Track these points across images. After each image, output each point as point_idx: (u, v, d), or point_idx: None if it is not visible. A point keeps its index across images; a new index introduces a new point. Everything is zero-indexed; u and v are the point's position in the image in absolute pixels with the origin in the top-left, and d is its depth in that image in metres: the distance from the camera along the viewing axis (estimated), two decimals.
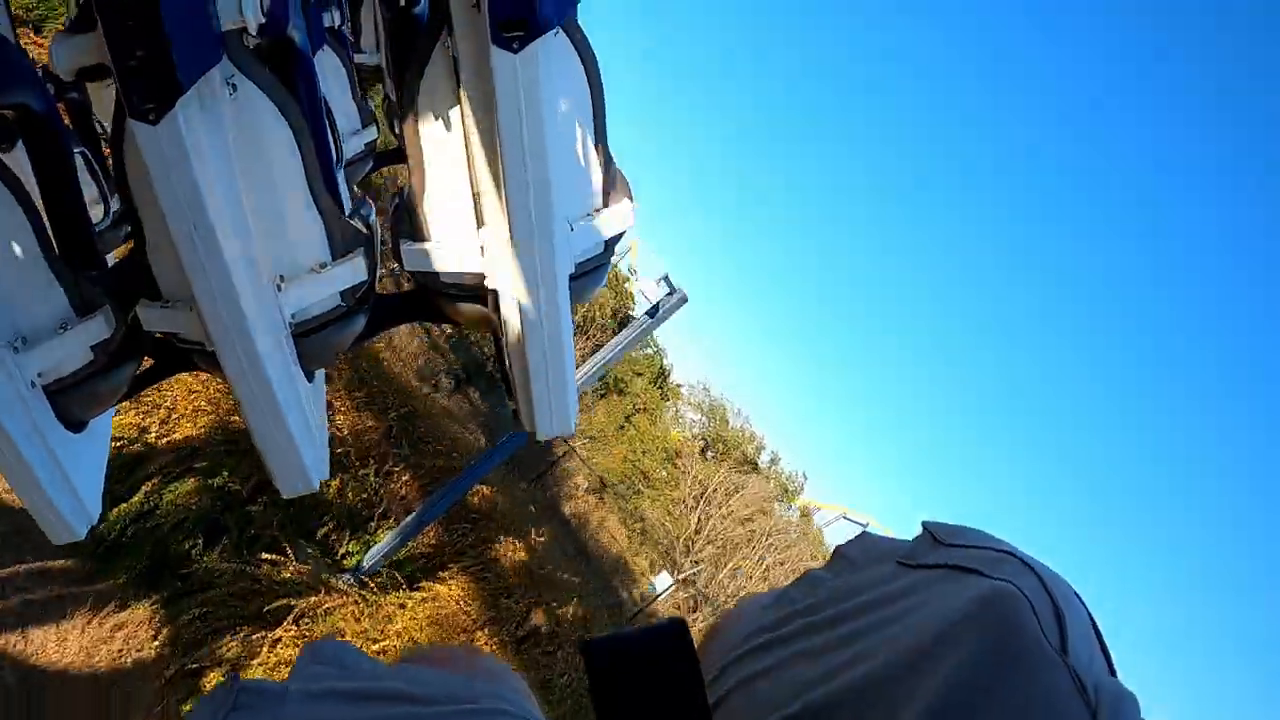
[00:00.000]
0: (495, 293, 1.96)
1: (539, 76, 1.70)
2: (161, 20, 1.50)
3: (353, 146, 3.39)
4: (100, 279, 1.90)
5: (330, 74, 2.90)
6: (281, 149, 1.79)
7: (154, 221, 1.76)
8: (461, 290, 1.99)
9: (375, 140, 3.64)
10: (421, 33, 1.82)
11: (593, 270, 2.04)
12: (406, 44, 1.89)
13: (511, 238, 1.85)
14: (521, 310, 1.95)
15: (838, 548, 0.88)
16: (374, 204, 2.11)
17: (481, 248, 1.92)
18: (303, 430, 2.00)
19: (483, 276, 1.96)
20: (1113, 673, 0.67)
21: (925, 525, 0.80)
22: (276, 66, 1.93)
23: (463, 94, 1.81)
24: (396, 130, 3.46)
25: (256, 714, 0.70)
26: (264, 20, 1.66)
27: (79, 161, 2.12)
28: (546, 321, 1.96)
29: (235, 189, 1.74)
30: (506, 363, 2.09)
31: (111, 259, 2.87)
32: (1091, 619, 0.69)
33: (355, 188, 2.86)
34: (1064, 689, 0.61)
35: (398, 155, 3.55)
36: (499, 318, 2.00)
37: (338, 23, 2.35)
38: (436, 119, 1.86)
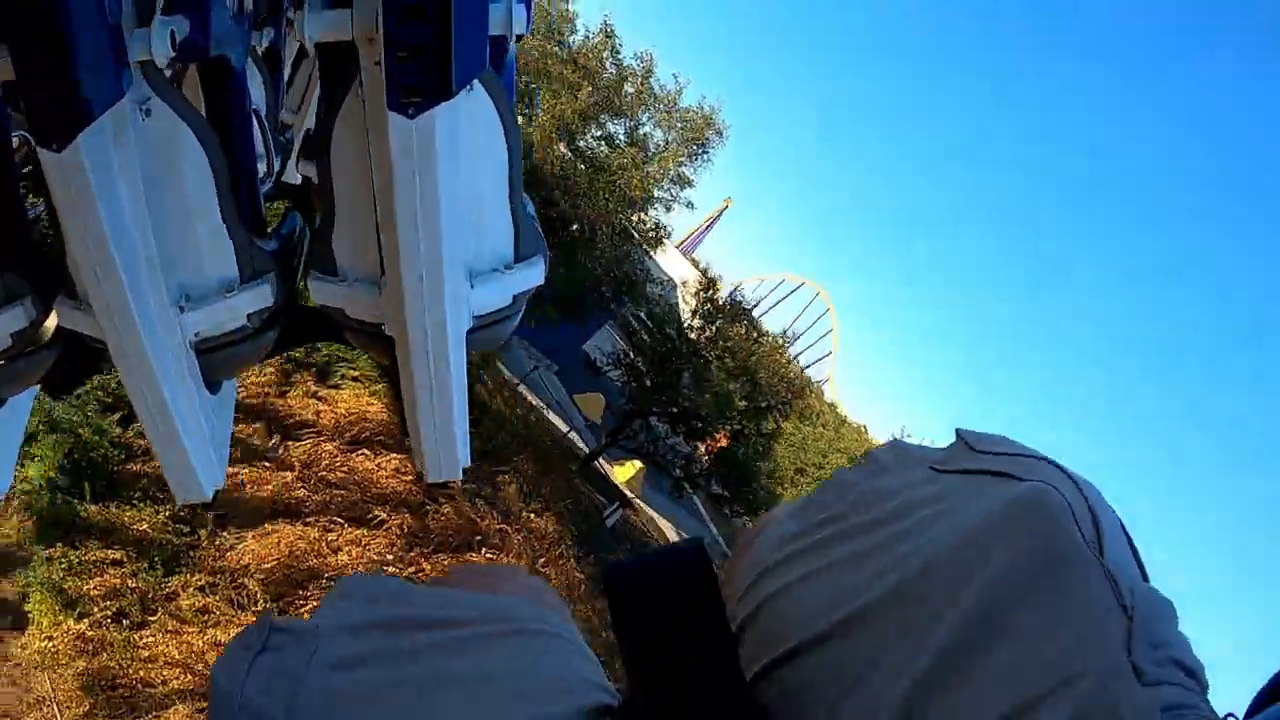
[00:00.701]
0: (391, 339, 2.02)
1: (435, 143, 1.70)
2: (68, 54, 1.53)
3: None
4: (29, 269, 1.96)
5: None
6: (195, 174, 1.83)
7: (65, 231, 1.81)
8: (363, 327, 2.04)
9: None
10: (341, 77, 1.84)
11: (498, 322, 2.09)
12: (330, 82, 1.89)
13: (404, 293, 1.88)
14: (413, 360, 1.99)
15: (868, 450, 0.88)
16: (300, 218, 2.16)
17: (381, 295, 1.97)
18: (198, 442, 2.06)
19: (381, 324, 2.01)
20: (1145, 578, 0.68)
21: (959, 432, 0.80)
22: (209, 84, 1.99)
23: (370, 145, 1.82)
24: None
25: (287, 653, 0.71)
26: (174, 54, 1.68)
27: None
28: (436, 374, 2.00)
29: (142, 213, 1.77)
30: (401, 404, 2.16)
31: None
32: (1122, 525, 0.70)
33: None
34: (1102, 592, 0.62)
35: (295, 191, 3.46)
36: (394, 362, 2.06)
37: (266, 44, 2.35)
38: (347, 163, 1.88)
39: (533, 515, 12.20)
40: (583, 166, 19.08)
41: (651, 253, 21.81)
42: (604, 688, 0.78)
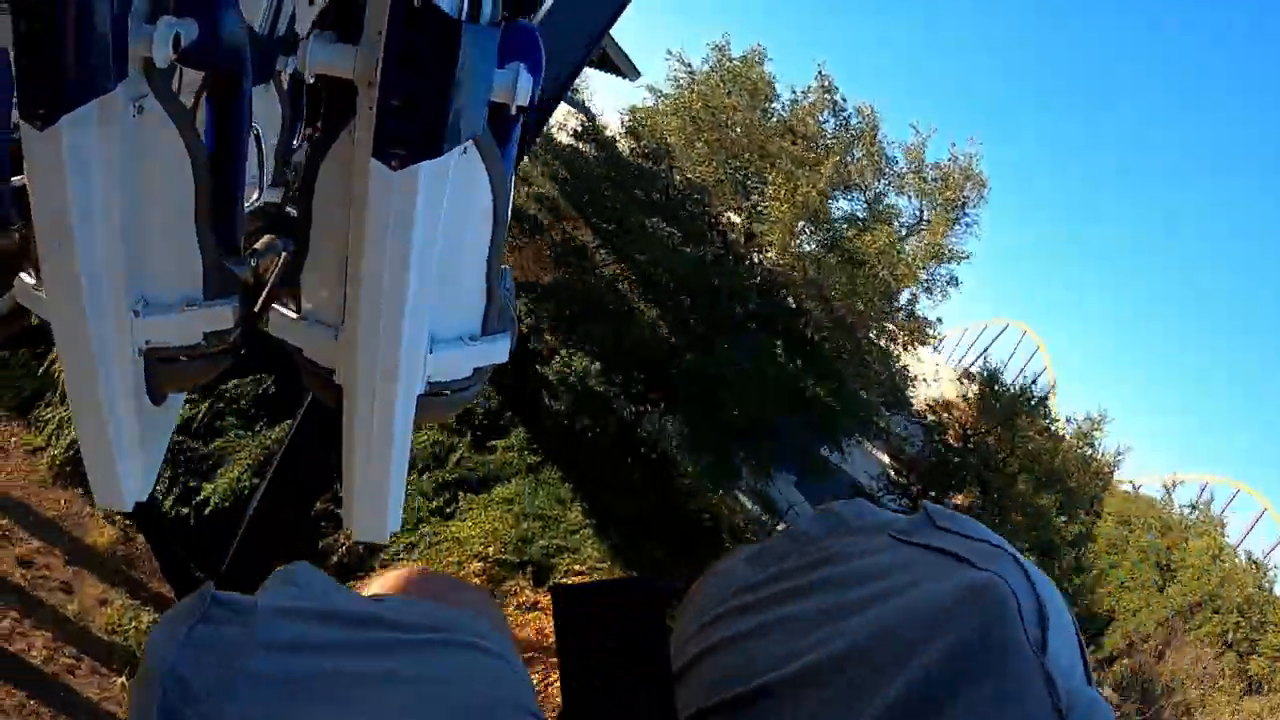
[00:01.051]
0: (340, 389, 1.96)
1: (415, 199, 1.65)
2: (65, 33, 1.52)
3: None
4: None
5: (257, 118, 2.76)
6: (176, 183, 1.82)
7: (31, 205, 1.77)
8: (316, 370, 1.99)
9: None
10: (339, 114, 1.81)
11: (454, 392, 2.01)
12: (329, 117, 1.86)
13: (358, 343, 1.83)
14: (357, 413, 1.92)
15: (831, 504, 0.89)
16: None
17: (337, 342, 1.92)
18: (129, 446, 2.02)
19: (333, 372, 1.96)
20: (1090, 682, 0.69)
21: (925, 505, 0.81)
22: (212, 99, 1.99)
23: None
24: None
25: (224, 627, 0.70)
26: (175, 56, 1.68)
27: None
28: (378, 430, 1.93)
29: (113, 207, 1.75)
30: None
31: None
32: (1075, 625, 0.71)
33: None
34: (1037, 690, 0.63)
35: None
36: (339, 414, 1.99)
37: (291, 70, 2.38)
38: (329, 202, 1.85)
39: None
40: (834, 260, 15.29)
41: (917, 350, 18.04)
42: (536, 715, 0.76)
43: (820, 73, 16.26)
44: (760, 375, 14.23)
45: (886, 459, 18.69)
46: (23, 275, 1.97)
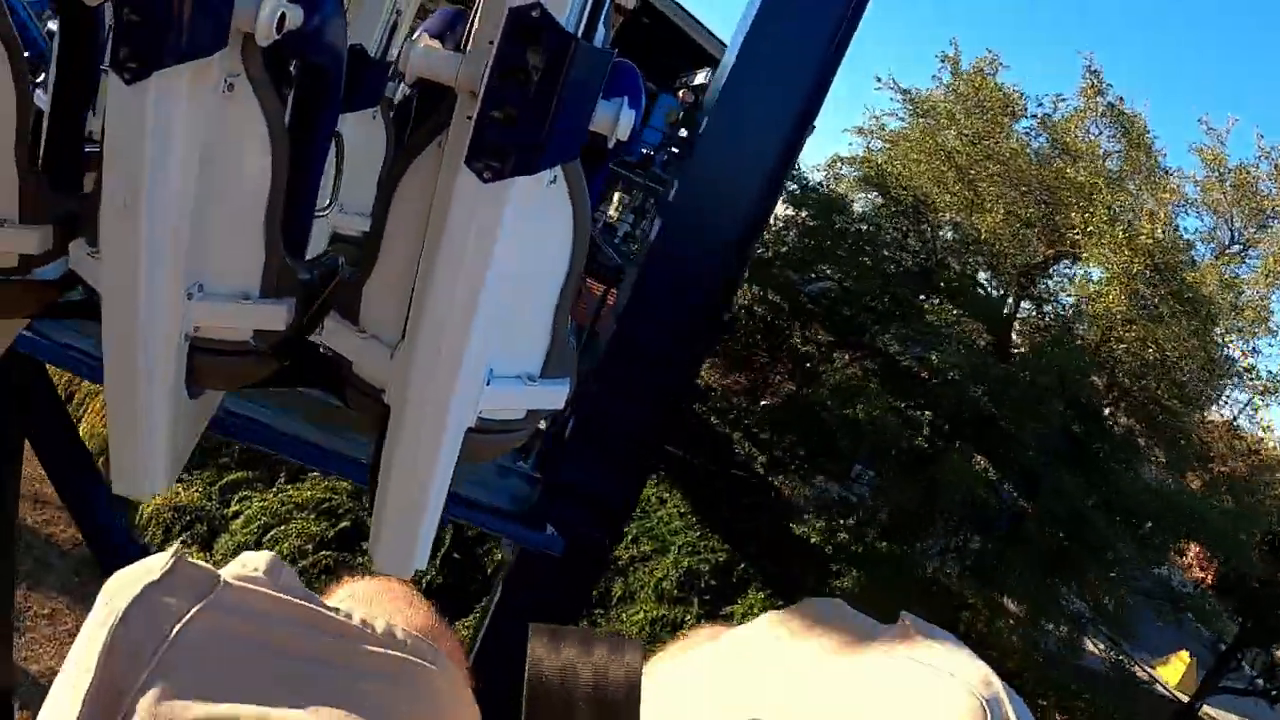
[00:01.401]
0: (388, 410, 1.85)
1: (501, 217, 1.58)
2: None
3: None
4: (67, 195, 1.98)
5: (363, 142, 2.81)
6: (253, 169, 1.76)
7: (104, 164, 1.73)
8: (364, 388, 1.89)
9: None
10: (430, 123, 1.74)
11: (505, 432, 1.92)
12: (418, 125, 1.81)
13: (414, 368, 1.74)
14: (402, 435, 1.82)
15: (809, 603, 0.90)
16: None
17: (392, 360, 1.82)
18: (158, 432, 1.92)
19: (383, 391, 1.86)
20: None
21: (903, 617, 0.82)
22: (306, 91, 1.94)
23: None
24: None
25: (179, 592, 0.71)
26: (277, 37, 1.62)
27: None
28: (421, 456, 1.82)
29: (187, 184, 1.69)
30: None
31: None
32: None
33: None
34: None
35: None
36: (382, 437, 1.88)
37: (401, 97, 2.34)
38: (407, 214, 1.77)
39: None
40: (1186, 321, 11.25)
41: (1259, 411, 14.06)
42: None
43: (1090, 69, 12.42)
44: (1111, 498, 11.40)
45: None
46: (75, 244, 1.92)
